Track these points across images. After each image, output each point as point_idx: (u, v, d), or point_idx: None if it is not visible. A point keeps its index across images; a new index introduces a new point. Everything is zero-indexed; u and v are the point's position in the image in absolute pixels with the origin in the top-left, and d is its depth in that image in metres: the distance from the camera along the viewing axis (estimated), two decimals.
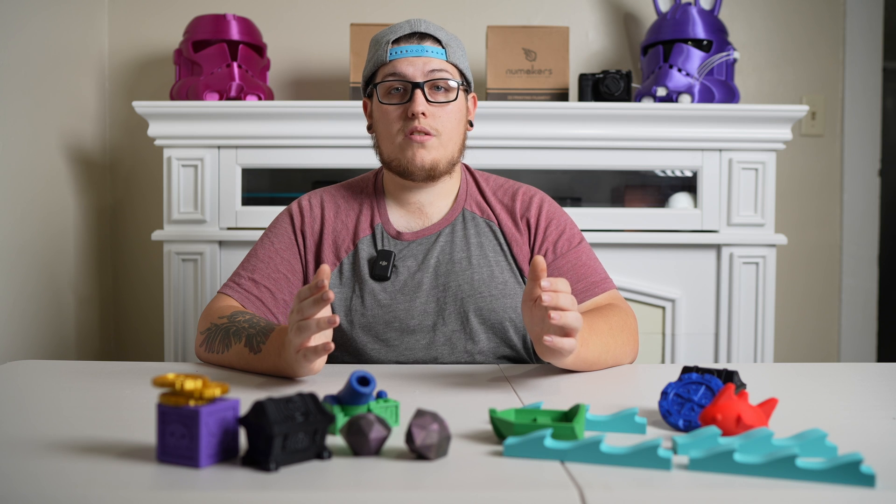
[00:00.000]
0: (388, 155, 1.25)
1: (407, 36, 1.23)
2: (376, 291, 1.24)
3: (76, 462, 0.69)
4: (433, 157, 1.22)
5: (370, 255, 1.27)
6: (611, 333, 1.14)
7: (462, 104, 1.26)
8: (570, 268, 1.27)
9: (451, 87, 1.23)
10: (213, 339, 1.15)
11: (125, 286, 2.31)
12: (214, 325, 1.16)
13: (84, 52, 2.17)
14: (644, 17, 2.30)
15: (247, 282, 1.25)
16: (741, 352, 1.93)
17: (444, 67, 1.22)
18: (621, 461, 0.68)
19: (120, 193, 2.30)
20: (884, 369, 1.18)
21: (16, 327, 1.85)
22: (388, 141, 1.24)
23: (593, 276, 1.27)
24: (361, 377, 0.78)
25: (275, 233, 1.31)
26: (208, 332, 1.17)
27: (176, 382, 0.66)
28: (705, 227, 1.93)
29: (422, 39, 1.22)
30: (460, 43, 1.28)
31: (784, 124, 1.89)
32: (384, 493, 0.63)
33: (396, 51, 1.22)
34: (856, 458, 0.64)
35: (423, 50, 1.21)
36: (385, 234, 1.28)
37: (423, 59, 1.21)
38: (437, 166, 1.23)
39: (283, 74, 2.27)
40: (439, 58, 1.22)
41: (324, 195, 1.34)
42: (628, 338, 1.19)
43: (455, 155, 1.26)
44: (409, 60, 1.21)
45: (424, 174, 1.23)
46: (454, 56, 1.24)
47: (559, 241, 1.28)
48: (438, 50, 1.23)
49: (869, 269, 2.35)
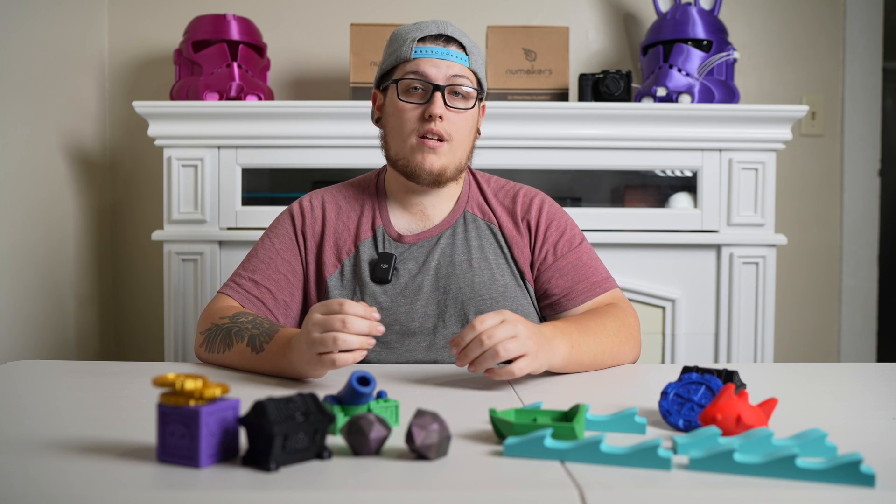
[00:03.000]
0: (397, 153, 1.25)
1: (434, 37, 1.22)
2: (377, 294, 1.24)
3: (76, 462, 0.69)
4: (442, 163, 1.22)
5: (371, 258, 1.27)
6: (606, 333, 1.14)
7: (476, 112, 1.27)
8: (571, 269, 1.27)
9: (470, 94, 1.23)
10: (214, 339, 1.15)
11: (125, 286, 2.31)
12: (215, 326, 1.16)
13: (84, 52, 2.17)
14: (644, 17, 2.30)
15: (247, 282, 1.25)
16: (741, 352, 1.93)
17: (465, 74, 1.22)
18: (621, 461, 0.68)
19: (120, 193, 2.30)
20: (884, 369, 1.18)
21: (16, 327, 1.85)
22: (400, 139, 1.24)
23: (594, 276, 1.27)
24: (361, 377, 0.78)
25: (275, 233, 1.30)
26: (209, 333, 1.17)
27: (176, 382, 0.66)
28: (705, 227, 1.93)
29: (448, 43, 1.22)
30: (481, 51, 1.28)
31: (784, 124, 1.89)
32: (384, 493, 0.63)
33: (422, 50, 1.21)
34: (856, 458, 0.64)
35: (449, 54, 1.21)
36: (386, 237, 1.28)
37: (447, 62, 1.21)
38: (445, 172, 1.23)
39: (283, 74, 2.27)
40: (462, 64, 1.22)
41: (325, 195, 1.34)
42: (627, 337, 1.18)
43: (463, 162, 1.26)
44: (434, 62, 1.20)
45: (431, 179, 1.23)
46: (475, 64, 1.25)
47: (559, 243, 1.28)
48: (462, 56, 1.22)
49: (869, 269, 2.35)
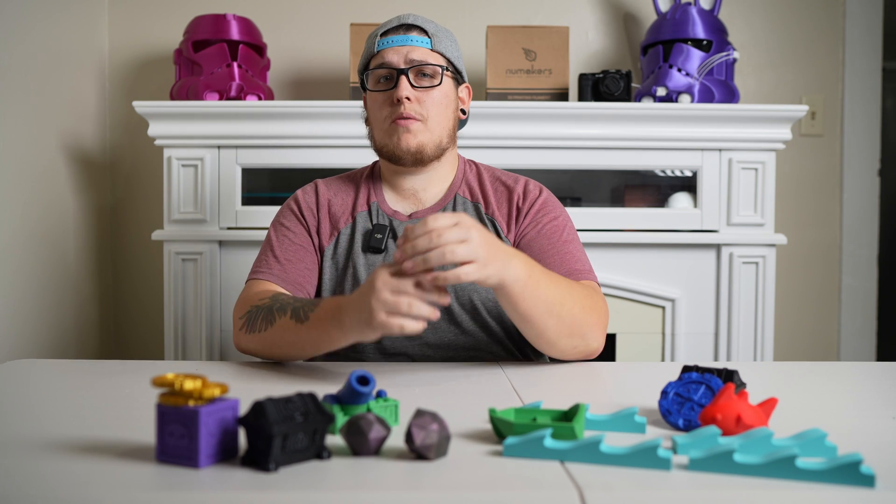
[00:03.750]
0: (379, 141, 1.29)
1: (394, 28, 1.27)
2: (368, 267, 1.27)
3: (75, 462, 0.69)
4: (419, 140, 1.25)
5: (366, 229, 1.30)
6: (570, 292, 1.10)
7: (449, 90, 1.29)
8: (554, 251, 1.25)
9: (435, 72, 1.26)
10: (255, 319, 1.15)
11: (125, 286, 2.31)
12: (255, 307, 1.17)
13: (84, 53, 2.17)
14: (644, 17, 2.30)
15: (272, 261, 1.27)
16: (741, 351, 1.93)
17: (427, 55, 1.26)
18: (621, 461, 0.68)
19: (120, 193, 2.30)
20: (884, 368, 1.18)
21: (16, 327, 1.85)
22: (378, 127, 1.29)
23: (575, 263, 1.24)
24: (361, 377, 0.78)
25: (283, 219, 1.34)
26: (248, 315, 1.17)
27: (175, 382, 0.66)
28: (705, 226, 1.93)
29: (408, 30, 1.27)
30: (450, 34, 1.32)
31: (784, 124, 1.89)
32: (384, 493, 0.63)
33: (384, 42, 1.27)
34: (856, 458, 0.64)
35: (408, 39, 1.26)
36: (381, 211, 1.32)
37: (406, 47, 1.25)
38: (424, 150, 1.26)
39: (283, 74, 2.27)
40: (424, 46, 1.26)
41: (318, 182, 1.38)
42: (592, 311, 1.13)
43: (443, 139, 1.28)
44: (395, 49, 1.26)
45: (412, 158, 1.26)
46: (440, 45, 1.28)
47: (547, 225, 1.28)
48: (423, 39, 1.27)
49: (869, 268, 2.35)
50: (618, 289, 1.92)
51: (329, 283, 1.30)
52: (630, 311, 1.94)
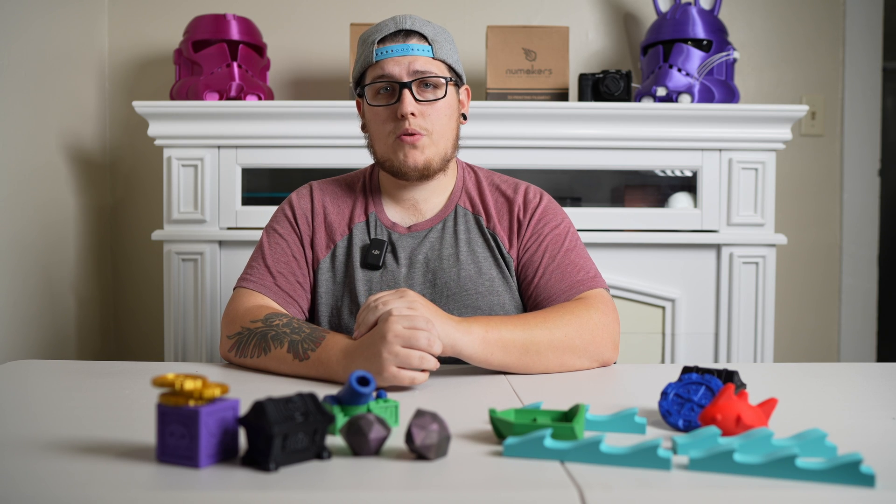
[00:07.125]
0: (382, 155, 1.25)
1: (392, 35, 1.21)
2: (366, 284, 1.25)
3: (76, 462, 0.69)
4: (426, 156, 1.22)
5: (363, 243, 1.27)
6: (546, 325, 1.10)
7: (452, 99, 1.25)
8: (554, 266, 1.24)
9: (440, 84, 1.22)
10: (247, 344, 1.13)
11: (125, 286, 2.31)
12: (247, 330, 1.14)
13: (84, 53, 2.17)
14: (644, 17, 2.30)
15: (262, 271, 1.25)
16: (741, 352, 1.93)
17: (430, 65, 1.21)
18: (621, 461, 0.68)
19: (120, 193, 2.30)
20: (884, 369, 1.18)
21: (16, 327, 1.85)
22: (381, 142, 1.24)
23: (577, 274, 1.23)
24: (361, 377, 0.78)
25: (276, 224, 1.31)
26: (239, 337, 1.15)
27: (175, 382, 0.66)
28: (705, 226, 1.93)
29: (407, 37, 1.21)
30: (448, 36, 1.26)
31: (784, 124, 1.89)
32: (384, 494, 0.63)
33: (382, 51, 1.21)
34: (856, 458, 0.64)
35: (409, 49, 1.20)
36: (379, 223, 1.29)
37: (408, 58, 1.20)
38: (431, 165, 1.23)
39: (283, 74, 2.27)
40: (426, 55, 1.21)
41: (313, 186, 1.35)
42: (584, 331, 1.12)
43: (448, 151, 1.26)
44: (395, 60, 1.20)
45: (418, 174, 1.23)
46: (441, 52, 1.22)
47: (548, 237, 1.26)
48: (424, 47, 1.21)
49: (869, 269, 2.35)
50: (618, 289, 1.92)
51: (325, 296, 1.27)
52: (630, 312, 1.94)
